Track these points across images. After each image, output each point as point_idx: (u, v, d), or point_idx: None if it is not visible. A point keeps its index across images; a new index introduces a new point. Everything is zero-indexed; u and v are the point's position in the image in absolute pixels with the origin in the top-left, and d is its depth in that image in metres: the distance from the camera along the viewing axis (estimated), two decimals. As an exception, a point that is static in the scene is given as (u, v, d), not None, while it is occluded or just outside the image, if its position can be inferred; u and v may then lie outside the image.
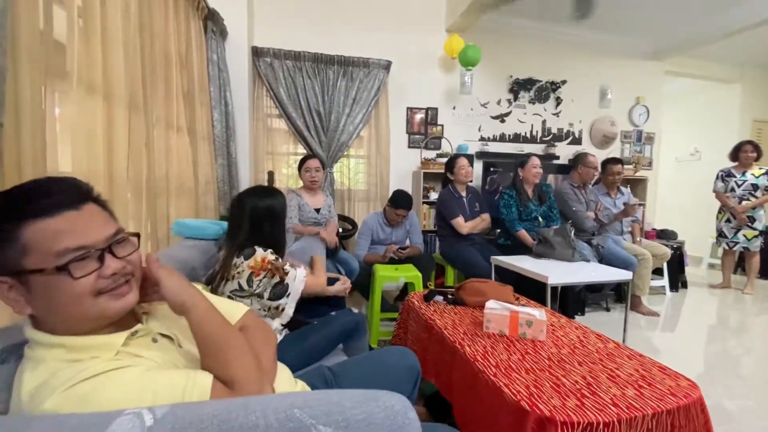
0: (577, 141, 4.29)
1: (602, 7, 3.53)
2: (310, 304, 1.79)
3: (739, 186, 3.68)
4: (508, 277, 2.39)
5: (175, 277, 0.69)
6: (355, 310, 1.57)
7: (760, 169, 3.63)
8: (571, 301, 2.69)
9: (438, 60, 3.73)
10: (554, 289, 2.09)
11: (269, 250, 1.34)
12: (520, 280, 2.25)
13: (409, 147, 3.76)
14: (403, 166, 3.73)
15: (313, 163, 2.52)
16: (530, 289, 2.16)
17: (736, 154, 3.76)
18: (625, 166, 3.71)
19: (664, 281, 3.61)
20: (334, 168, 3.49)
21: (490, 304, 1.42)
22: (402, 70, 3.60)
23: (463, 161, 2.86)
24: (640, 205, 3.81)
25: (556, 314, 1.64)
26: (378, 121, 3.59)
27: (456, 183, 2.87)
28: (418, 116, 3.75)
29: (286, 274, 1.34)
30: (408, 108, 3.71)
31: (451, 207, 2.81)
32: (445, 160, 3.57)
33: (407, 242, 2.91)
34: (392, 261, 2.64)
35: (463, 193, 2.89)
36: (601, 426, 0.89)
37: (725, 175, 3.78)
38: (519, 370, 1.12)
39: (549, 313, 1.61)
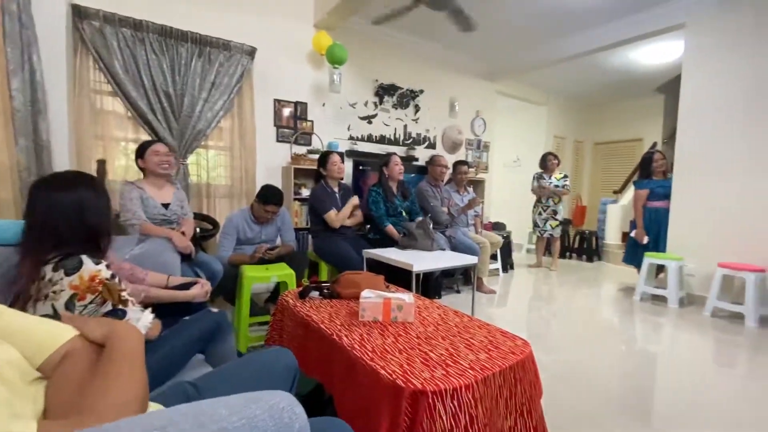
0: (432, 146, 4.81)
1: (451, 29, 4.05)
2: (162, 317, 1.54)
3: (546, 186, 4.75)
4: (378, 268, 2.52)
5: None
6: (215, 310, 1.40)
7: (560, 173, 4.75)
8: (431, 285, 3.00)
9: (307, 54, 3.67)
10: (417, 276, 2.30)
11: (102, 264, 1.04)
12: (389, 270, 2.39)
13: (278, 141, 3.59)
14: (272, 161, 3.55)
15: (162, 147, 2.17)
16: (398, 277, 2.32)
17: (543, 162, 4.82)
18: (470, 169, 4.34)
19: (498, 264, 4.38)
20: (189, 159, 3.08)
21: (365, 293, 1.47)
22: (269, 59, 3.41)
23: (335, 157, 2.89)
24: (480, 201, 4.53)
25: (421, 297, 1.80)
26: (242, 110, 3.32)
27: (329, 178, 2.88)
28: (287, 110, 3.61)
29: (123, 302, 1.04)
30: (276, 100, 3.54)
31: (323, 201, 2.80)
32: (316, 156, 3.55)
33: (278, 241, 2.78)
34: (262, 261, 2.47)
35: (336, 189, 2.92)
36: (463, 389, 1.01)
37: (539, 177, 4.80)
38: (393, 352, 1.18)
39: (416, 297, 1.75)
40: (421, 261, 2.30)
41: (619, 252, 5.22)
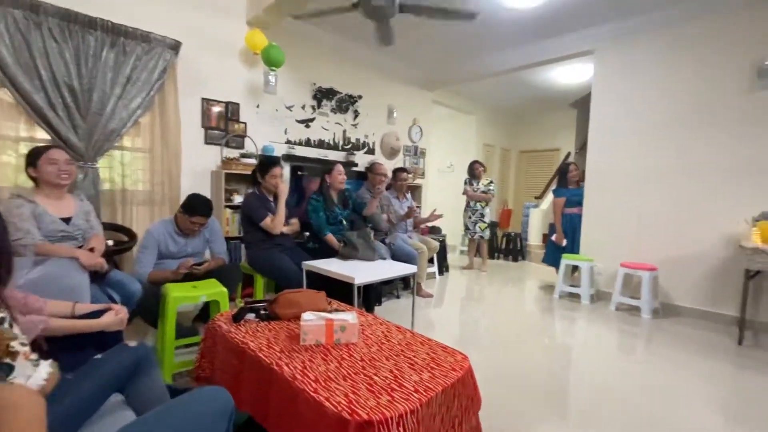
0: (371, 151, 4.83)
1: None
2: (70, 351, 1.33)
3: (475, 191, 5.04)
4: (318, 279, 2.45)
5: None
6: (133, 343, 1.23)
7: (487, 179, 5.08)
8: (372, 293, 3.00)
9: (240, 52, 3.45)
10: (359, 286, 2.28)
11: None
12: (329, 281, 2.34)
13: (207, 143, 3.33)
14: (199, 165, 3.28)
15: (59, 154, 1.85)
16: (339, 288, 2.28)
17: (471, 169, 5.13)
18: (408, 175, 4.44)
19: (435, 268, 4.53)
20: (100, 162, 2.72)
21: (306, 316, 1.41)
22: (196, 54, 3.15)
23: (277, 170, 2.73)
24: (417, 207, 4.66)
25: (364, 313, 1.78)
26: (164, 109, 3.02)
27: (265, 189, 2.73)
28: (216, 110, 3.37)
29: (11, 355, 0.88)
30: (204, 99, 3.28)
31: (258, 209, 2.65)
32: (250, 160, 3.36)
33: (207, 254, 2.57)
34: (188, 277, 2.26)
35: (271, 197, 2.79)
36: (408, 414, 1.02)
37: (469, 182, 5.09)
38: (337, 379, 1.15)
39: (358, 314, 1.73)
40: (362, 272, 2.29)
41: (540, 252, 5.71)
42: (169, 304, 1.94)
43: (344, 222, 3.00)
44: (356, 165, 4.47)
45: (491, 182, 5.08)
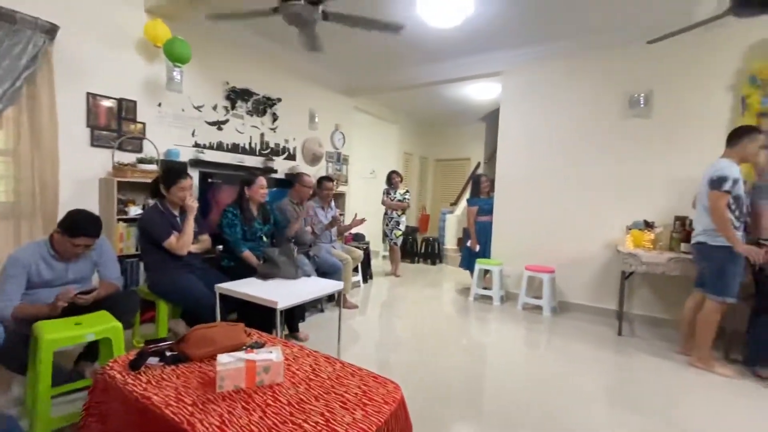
0: (291, 157, 4.63)
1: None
2: None
3: (392, 200, 5.17)
4: (234, 301, 2.24)
5: None
6: None
7: (403, 189, 5.24)
8: (296, 312, 2.85)
9: (137, 43, 3.02)
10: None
11: None
12: (248, 303, 2.15)
13: (94, 145, 2.84)
14: (84, 171, 2.79)
15: None
16: (258, 310, 2.11)
17: (389, 179, 5.25)
18: (333, 184, 4.34)
19: (359, 276, 4.51)
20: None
21: (222, 358, 1.26)
22: (78, 42, 2.67)
23: (186, 182, 2.40)
24: (341, 214, 4.60)
25: (289, 344, 1.66)
26: (36, 104, 2.49)
27: (169, 203, 2.41)
28: (105, 105, 2.89)
29: None
30: (90, 94, 2.80)
31: (160, 226, 2.33)
32: (150, 167, 2.96)
33: (95, 280, 2.17)
34: (70, 310, 1.88)
35: (176, 212, 2.47)
36: (342, 465, 0.96)
37: (387, 192, 5.20)
38: (262, 433, 1.04)
39: (283, 345, 1.61)
40: (285, 294, 2.15)
41: (455, 255, 6.07)
42: (43, 349, 1.58)
43: (264, 238, 2.80)
44: (275, 171, 4.24)
45: (407, 191, 5.25)
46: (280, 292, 2.16)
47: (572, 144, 3.92)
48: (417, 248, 6.56)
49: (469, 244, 4.50)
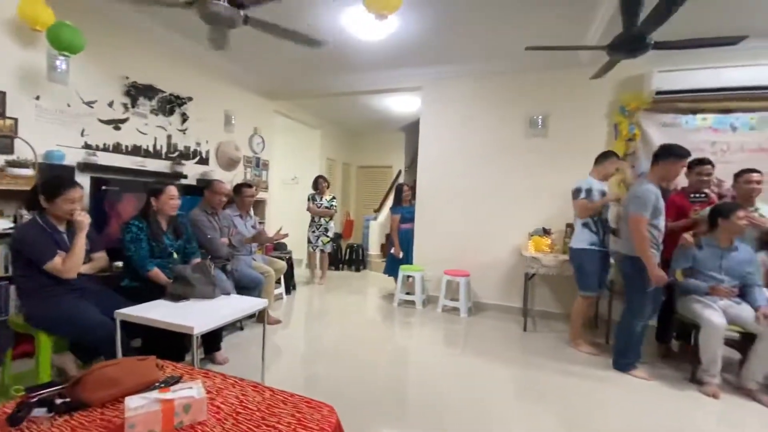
0: (204, 161, 4.27)
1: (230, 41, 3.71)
2: None
3: (319, 207, 5.10)
4: (137, 326, 1.97)
5: None
6: None
7: (330, 195, 5.22)
8: (213, 335, 2.63)
9: (6, 23, 2.51)
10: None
11: None
12: (155, 329, 1.92)
13: (-59, 145, 2.29)
14: (-74, 176, 2.23)
15: None
16: (167, 334, 1.90)
17: (315, 184, 5.18)
18: (252, 190, 4.11)
19: (282, 288, 4.33)
20: None
21: (132, 402, 1.10)
22: None
23: (75, 193, 2.03)
24: (260, 223, 4.38)
25: (210, 374, 1.52)
26: None
27: (53, 217, 2.03)
28: (-40, 95, 2.36)
29: None
30: (-65, 80, 2.25)
31: (42, 245, 1.95)
32: (24, 171, 2.49)
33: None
34: None
35: (62, 227, 2.09)
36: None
37: (313, 198, 5.12)
38: (184, 483, 0.93)
39: (202, 376, 1.47)
40: (202, 316, 1.96)
41: (379, 261, 6.18)
42: None
43: (175, 255, 2.52)
44: (184, 177, 3.87)
45: (334, 198, 5.23)
46: (195, 315, 1.97)
47: (483, 158, 4.28)
48: (341, 255, 6.54)
49: (393, 251, 4.62)
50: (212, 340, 2.67)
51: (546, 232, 3.86)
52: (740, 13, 2.90)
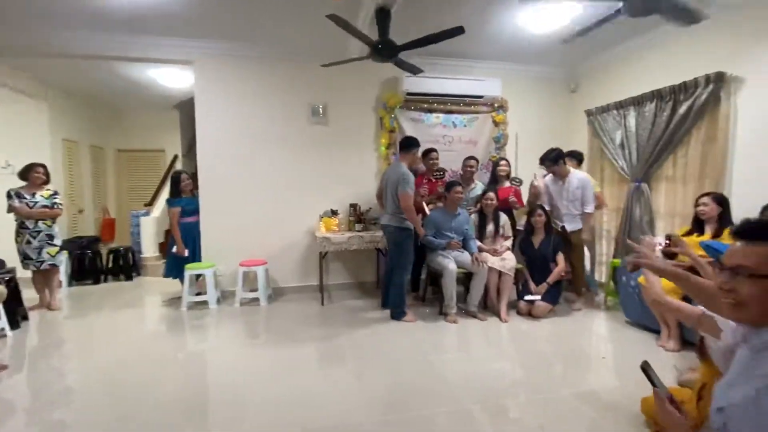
0: None
1: None
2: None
3: (31, 207, 3.69)
4: None
5: None
6: None
7: (48, 190, 3.83)
8: None
9: None
10: None
11: None
12: None
13: None
14: None
15: None
16: None
17: (26, 174, 3.76)
18: None
19: (3, 322, 3.11)
20: None
21: None
22: None
23: None
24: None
25: None
26: None
27: None
28: None
29: None
30: None
31: None
32: None
33: None
34: None
35: None
36: None
37: (17, 195, 3.68)
38: None
39: None
40: None
41: (158, 264, 5.27)
42: None
43: None
44: None
45: (55, 193, 3.89)
46: None
47: (270, 143, 4.24)
48: (103, 263, 5.21)
49: (174, 250, 4.01)
50: None
51: (334, 213, 4.23)
52: (460, 39, 3.84)
